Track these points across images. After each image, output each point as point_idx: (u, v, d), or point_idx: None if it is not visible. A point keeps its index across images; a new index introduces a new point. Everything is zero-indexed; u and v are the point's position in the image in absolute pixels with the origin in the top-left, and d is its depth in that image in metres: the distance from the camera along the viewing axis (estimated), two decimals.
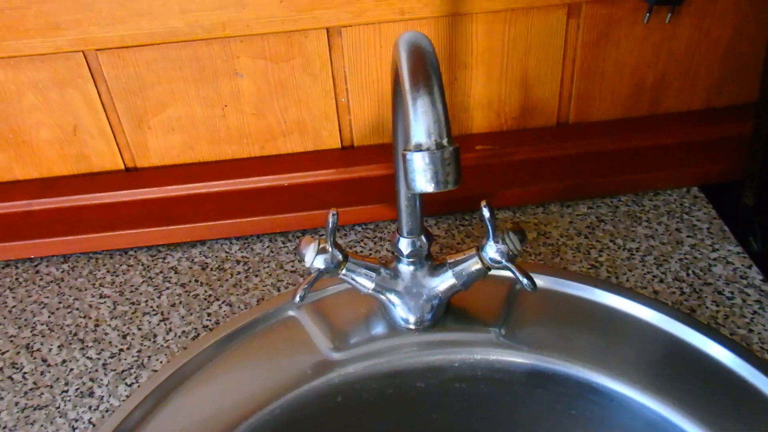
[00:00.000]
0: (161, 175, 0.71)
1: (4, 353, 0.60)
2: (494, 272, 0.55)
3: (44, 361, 0.59)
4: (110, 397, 0.56)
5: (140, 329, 0.61)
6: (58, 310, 0.63)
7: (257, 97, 0.69)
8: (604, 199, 0.70)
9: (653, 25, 0.68)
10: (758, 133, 0.62)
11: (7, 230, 0.68)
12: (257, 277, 0.65)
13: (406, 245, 0.54)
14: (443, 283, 0.55)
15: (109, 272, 0.66)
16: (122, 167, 0.73)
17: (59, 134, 0.70)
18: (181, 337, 0.60)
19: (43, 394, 0.56)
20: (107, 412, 0.55)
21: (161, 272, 0.66)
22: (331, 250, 0.53)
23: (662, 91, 0.72)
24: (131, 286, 0.65)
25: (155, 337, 0.60)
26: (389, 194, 0.68)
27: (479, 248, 0.54)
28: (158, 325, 0.61)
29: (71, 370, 0.58)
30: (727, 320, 0.57)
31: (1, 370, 0.59)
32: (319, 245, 0.53)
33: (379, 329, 0.58)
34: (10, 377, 0.58)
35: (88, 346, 0.60)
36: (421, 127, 0.39)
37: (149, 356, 0.58)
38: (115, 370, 0.58)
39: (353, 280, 0.55)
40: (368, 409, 0.58)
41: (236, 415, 0.53)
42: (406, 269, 0.55)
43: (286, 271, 0.65)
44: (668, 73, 0.71)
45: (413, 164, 0.39)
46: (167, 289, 0.64)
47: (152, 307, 0.63)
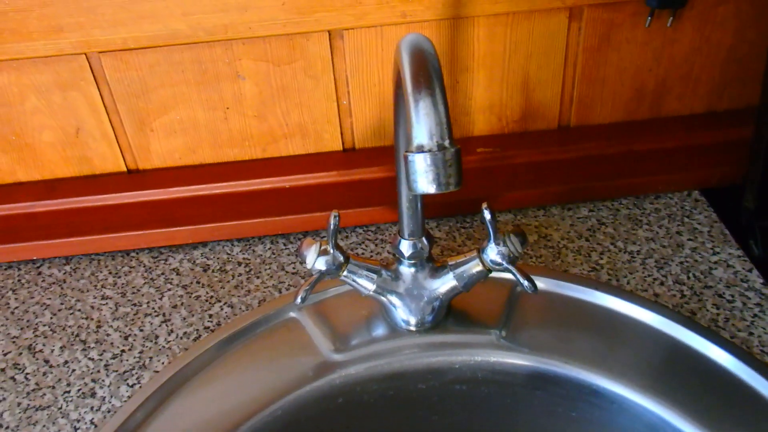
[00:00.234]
0: (163, 177, 0.72)
1: (6, 354, 0.60)
2: (495, 274, 0.55)
3: (46, 361, 0.59)
4: (112, 397, 0.56)
5: (142, 330, 0.61)
6: (60, 311, 0.63)
7: (259, 99, 0.69)
8: (605, 202, 0.70)
9: (654, 29, 0.68)
10: (759, 136, 0.62)
11: (9, 232, 0.69)
12: (258, 278, 0.65)
13: (407, 247, 0.54)
14: (444, 285, 0.55)
15: (111, 274, 0.67)
16: (124, 169, 0.73)
17: (62, 136, 0.70)
18: (182, 338, 0.60)
19: (45, 394, 0.57)
20: (109, 412, 0.55)
21: (163, 274, 0.66)
22: (332, 251, 0.53)
23: (663, 94, 0.73)
24: (133, 287, 0.65)
25: (157, 338, 0.60)
26: (390, 196, 0.68)
27: (480, 250, 0.54)
28: (160, 326, 0.61)
29: (73, 370, 0.58)
30: (727, 323, 0.57)
31: (3, 370, 0.59)
32: (320, 247, 0.53)
33: (380, 331, 0.58)
34: (12, 378, 0.58)
35: (90, 347, 0.60)
36: (423, 128, 0.39)
37: (151, 357, 0.58)
38: (116, 371, 0.58)
39: (354, 281, 0.55)
40: (369, 410, 0.58)
41: (237, 416, 0.53)
42: (407, 271, 0.55)
43: (287, 272, 0.65)
44: (669, 77, 0.71)
45: (415, 165, 0.39)
46: (169, 290, 0.64)
47: (154, 308, 0.63)
